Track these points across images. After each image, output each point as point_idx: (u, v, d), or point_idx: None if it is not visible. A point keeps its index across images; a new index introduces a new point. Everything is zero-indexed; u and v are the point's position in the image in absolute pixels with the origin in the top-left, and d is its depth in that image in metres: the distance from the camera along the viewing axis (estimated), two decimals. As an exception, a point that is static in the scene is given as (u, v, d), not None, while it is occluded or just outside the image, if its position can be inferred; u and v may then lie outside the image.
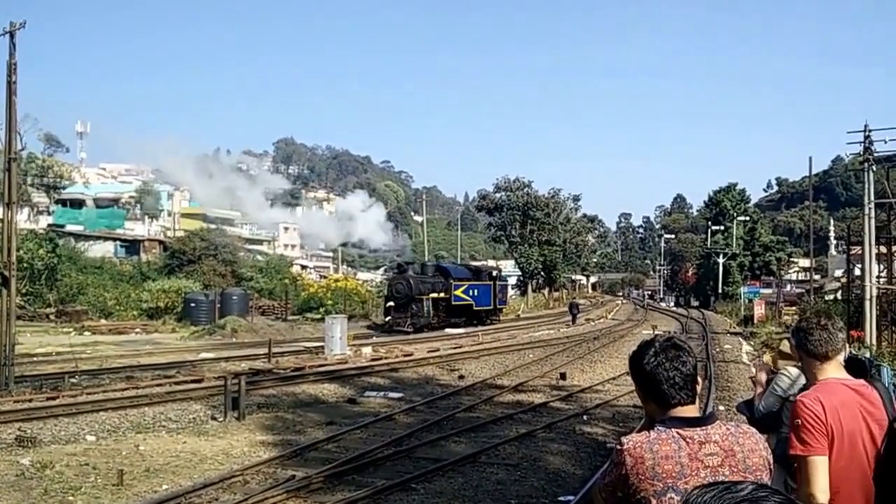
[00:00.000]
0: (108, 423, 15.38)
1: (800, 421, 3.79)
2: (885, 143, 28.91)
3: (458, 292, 49.96)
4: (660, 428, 2.90)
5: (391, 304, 45.68)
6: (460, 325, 48.72)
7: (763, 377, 6.02)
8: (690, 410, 2.93)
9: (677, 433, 2.86)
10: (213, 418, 16.38)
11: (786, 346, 6.13)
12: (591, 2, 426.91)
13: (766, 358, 6.75)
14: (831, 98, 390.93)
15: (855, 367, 4.23)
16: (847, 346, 4.46)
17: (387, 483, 11.19)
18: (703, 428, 2.88)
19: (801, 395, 4.00)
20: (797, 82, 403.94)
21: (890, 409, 4.00)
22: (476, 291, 52.25)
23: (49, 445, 13.56)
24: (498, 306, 57.44)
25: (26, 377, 21.65)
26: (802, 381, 5.08)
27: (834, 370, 3.98)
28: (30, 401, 17.54)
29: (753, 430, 2.98)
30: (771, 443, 4.67)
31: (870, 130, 29.15)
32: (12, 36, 20.10)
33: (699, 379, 3.00)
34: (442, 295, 48.22)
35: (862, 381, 3.99)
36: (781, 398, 5.55)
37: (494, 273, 57.93)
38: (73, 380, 21.03)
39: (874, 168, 29.94)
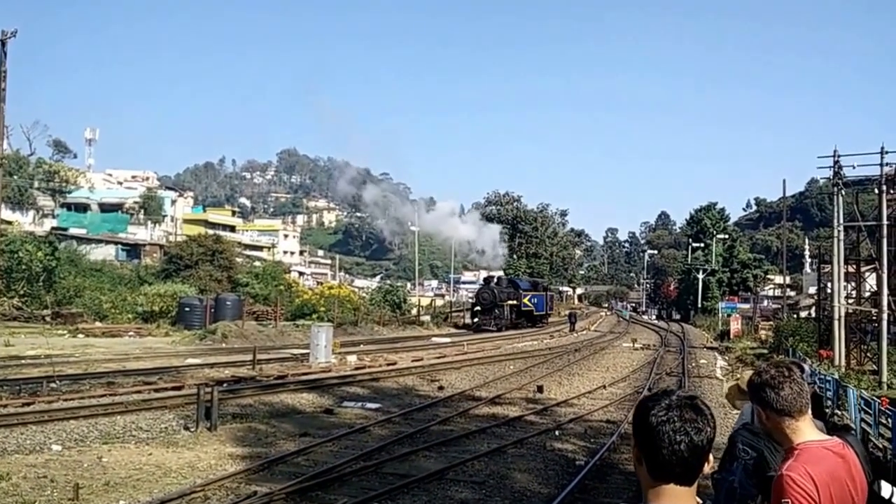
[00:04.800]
0: (76, 432, 15.23)
1: (789, 501, 3.23)
2: (854, 168, 29.17)
3: (525, 300, 65.36)
4: None
5: (478, 308, 60.07)
6: (526, 325, 64.43)
7: None
8: (684, 496, 2.34)
9: None
10: (186, 428, 16.24)
11: (745, 383, 5.90)
12: (583, 30, 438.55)
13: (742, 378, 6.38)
14: (809, 122, 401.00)
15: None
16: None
17: (349, 501, 11.07)
18: None
19: (786, 467, 3.36)
20: (777, 106, 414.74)
21: (867, 469, 3.64)
22: (536, 300, 67.84)
23: (11, 455, 13.38)
24: (548, 311, 74.33)
25: (8, 381, 21.54)
26: None
27: (809, 429, 3.48)
28: (4, 406, 17.39)
29: None
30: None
31: (839, 156, 29.55)
32: (3, 45, 20.06)
33: (710, 458, 2.40)
34: (514, 302, 62.79)
35: (838, 441, 3.52)
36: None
37: (546, 285, 77.37)
38: (52, 385, 20.91)
39: (843, 192, 30.15)
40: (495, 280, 65.14)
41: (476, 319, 59.73)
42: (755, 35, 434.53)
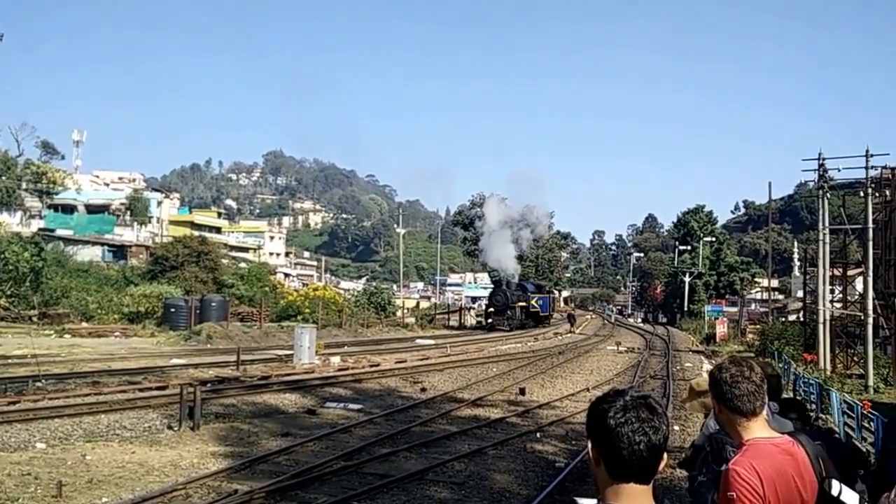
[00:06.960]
0: (60, 431, 15.31)
1: (734, 494, 3.26)
2: (840, 171, 29.11)
3: (533, 302, 70.91)
4: None
5: (491, 309, 65.58)
6: (532, 325, 69.30)
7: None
8: (642, 494, 2.39)
9: None
10: (169, 427, 16.32)
11: (700, 384, 5.86)
12: (574, 36, 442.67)
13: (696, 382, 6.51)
14: (798, 124, 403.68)
15: (790, 408, 4.04)
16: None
17: (329, 500, 11.17)
18: None
19: (732, 462, 3.43)
20: (767, 109, 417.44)
21: (817, 468, 3.65)
22: (541, 301, 73.55)
23: (-5, 453, 13.52)
24: (552, 313, 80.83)
25: (-5, 380, 21.64)
26: None
27: (760, 428, 3.54)
28: (-11, 405, 17.47)
29: None
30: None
31: (824, 159, 29.38)
32: (-14, 47, 20.09)
33: (665, 455, 2.45)
34: (524, 304, 68.32)
35: (788, 439, 3.58)
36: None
37: (549, 288, 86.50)
38: (38, 384, 20.98)
39: (829, 196, 30.18)
40: (505, 283, 69.22)
41: (490, 320, 65.20)
42: (747, 42, 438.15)
